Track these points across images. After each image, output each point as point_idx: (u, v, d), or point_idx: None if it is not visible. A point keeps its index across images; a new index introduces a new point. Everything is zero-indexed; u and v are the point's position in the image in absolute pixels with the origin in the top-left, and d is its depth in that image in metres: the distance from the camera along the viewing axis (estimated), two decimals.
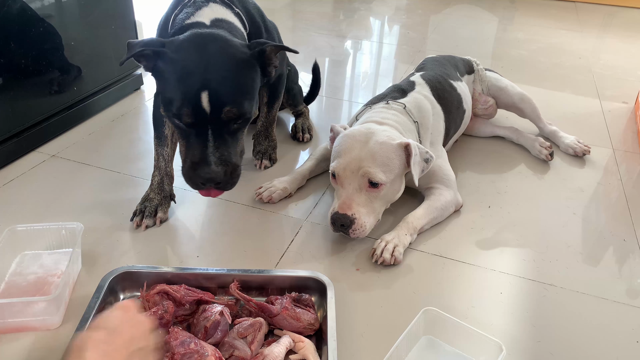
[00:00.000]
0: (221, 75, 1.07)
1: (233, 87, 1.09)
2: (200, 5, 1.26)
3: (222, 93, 1.07)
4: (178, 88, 1.07)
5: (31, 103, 1.70)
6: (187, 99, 1.05)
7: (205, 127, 1.09)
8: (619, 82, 2.56)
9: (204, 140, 1.09)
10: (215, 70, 1.07)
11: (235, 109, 1.08)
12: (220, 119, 1.08)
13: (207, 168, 1.09)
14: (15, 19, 1.56)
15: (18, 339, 1.06)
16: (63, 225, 1.26)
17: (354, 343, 1.08)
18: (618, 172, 1.77)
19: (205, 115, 1.07)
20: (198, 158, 1.10)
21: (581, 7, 3.97)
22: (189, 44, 1.11)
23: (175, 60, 1.08)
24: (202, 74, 1.06)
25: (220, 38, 1.13)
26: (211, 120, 1.08)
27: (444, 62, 1.84)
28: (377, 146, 1.30)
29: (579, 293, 1.25)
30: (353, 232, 1.28)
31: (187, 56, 1.08)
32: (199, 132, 1.09)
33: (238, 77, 1.11)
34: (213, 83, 1.06)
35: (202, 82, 1.05)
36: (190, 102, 1.05)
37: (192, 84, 1.05)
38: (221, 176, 1.10)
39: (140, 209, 1.40)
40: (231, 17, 1.28)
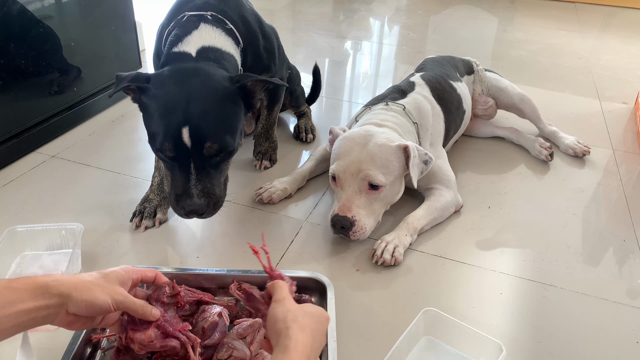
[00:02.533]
0: (202, 111, 1.09)
1: (214, 123, 1.11)
2: (190, 28, 1.26)
3: (203, 128, 1.09)
4: (160, 123, 1.09)
5: (31, 104, 1.70)
6: (169, 134, 1.08)
7: (187, 161, 1.11)
8: (619, 83, 2.56)
9: (186, 173, 1.12)
10: (196, 105, 1.09)
11: (216, 144, 1.10)
12: (202, 153, 1.10)
13: (190, 200, 1.12)
14: (15, 19, 1.56)
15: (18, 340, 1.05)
16: (63, 225, 1.26)
17: (354, 343, 1.08)
18: (618, 173, 1.77)
19: (187, 150, 1.09)
20: (181, 190, 1.13)
21: (581, 7, 3.97)
22: (171, 79, 1.13)
23: (158, 96, 1.11)
24: (183, 110, 1.08)
25: (202, 72, 1.15)
26: (193, 155, 1.10)
27: (444, 63, 1.84)
28: (377, 148, 1.30)
29: (579, 293, 1.25)
30: (353, 235, 1.28)
31: (169, 92, 1.11)
32: (181, 165, 1.12)
33: (219, 112, 1.12)
34: (194, 119, 1.08)
35: (183, 117, 1.08)
36: (171, 137, 1.08)
37: (174, 119, 1.08)
38: (204, 208, 1.13)
39: (140, 210, 1.40)
40: (221, 39, 1.27)
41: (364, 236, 1.30)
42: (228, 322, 1.04)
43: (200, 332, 1.00)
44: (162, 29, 1.36)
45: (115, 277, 0.85)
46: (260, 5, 3.52)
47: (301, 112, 1.96)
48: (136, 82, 1.13)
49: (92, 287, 0.80)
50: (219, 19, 1.30)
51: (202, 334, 1.00)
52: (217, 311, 1.03)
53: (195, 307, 1.07)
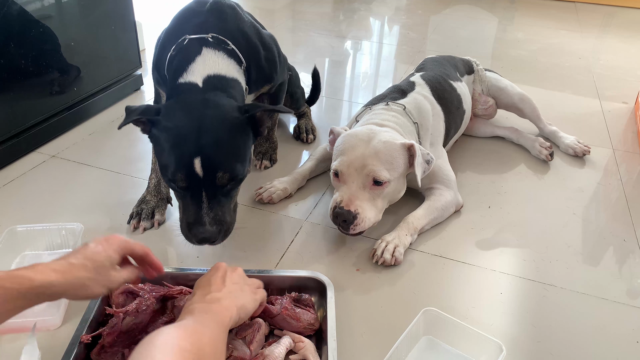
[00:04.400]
0: (213, 141, 1.11)
1: (225, 153, 1.13)
2: (193, 54, 1.26)
3: (215, 159, 1.10)
4: (172, 155, 1.11)
5: (31, 103, 1.70)
6: (181, 164, 1.10)
7: (199, 190, 1.12)
8: (619, 82, 2.56)
9: (198, 202, 1.13)
10: (207, 136, 1.11)
11: (228, 173, 1.12)
12: (214, 183, 1.12)
13: (202, 228, 1.13)
14: (15, 19, 1.56)
15: (18, 340, 1.06)
16: (63, 225, 1.27)
17: (354, 343, 1.08)
18: (618, 173, 1.77)
19: (199, 180, 1.11)
20: (193, 219, 1.14)
21: (581, 7, 3.97)
22: (181, 111, 1.14)
23: (169, 128, 1.12)
24: (195, 141, 1.10)
25: (212, 104, 1.16)
26: (205, 184, 1.12)
27: (444, 63, 1.84)
28: (381, 145, 1.30)
29: (579, 293, 1.25)
30: (354, 228, 1.28)
31: (180, 123, 1.12)
32: (193, 194, 1.13)
33: (230, 142, 1.14)
34: (205, 149, 1.09)
35: (195, 148, 1.09)
36: (184, 167, 1.10)
37: (185, 150, 1.10)
38: (215, 235, 1.15)
39: (137, 212, 1.40)
40: (224, 64, 1.27)
41: (363, 228, 1.29)
42: None
43: None
44: (163, 47, 1.34)
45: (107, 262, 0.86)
46: (260, 5, 3.53)
47: (301, 113, 1.96)
48: (146, 114, 1.14)
49: (87, 283, 0.80)
50: (220, 40, 1.29)
51: None
52: None
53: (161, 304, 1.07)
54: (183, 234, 1.18)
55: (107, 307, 1.04)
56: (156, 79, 1.44)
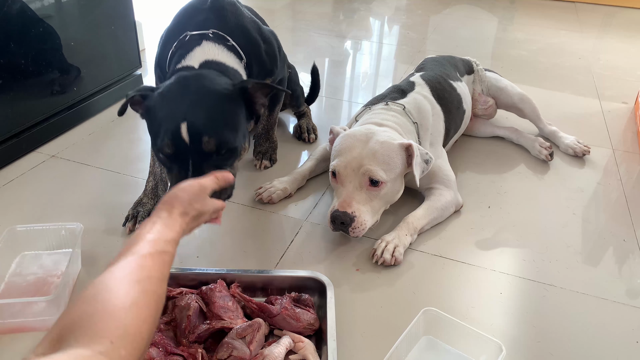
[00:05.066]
0: (200, 108, 1.10)
1: (212, 118, 1.11)
2: (193, 46, 1.27)
3: (201, 124, 1.09)
4: (161, 123, 1.10)
5: (31, 103, 1.70)
6: (168, 130, 1.08)
7: (186, 159, 1.10)
8: (619, 82, 2.55)
9: (185, 170, 1.11)
10: (195, 104, 1.10)
11: (214, 139, 1.09)
12: (201, 150, 1.09)
13: None
14: (15, 19, 1.56)
15: (18, 340, 1.06)
16: (63, 225, 1.27)
17: (354, 343, 1.08)
18: (618, 173, 1.77)
19: (186, 146, 1.08)
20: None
21: (581, 7, 3.97)
22: (173, 85, 1.15)
23: (159, 100, 1.13)
24: (182, 109, 1.09)
25: (204, 76, 1.17)
26: (192, 152, 1.09)
27: (444, 63, 1.84)
28: (378, 145, 1.30)
29: (579, 293, 1.25)
30: (353, 231, 1.28)
31: (170, 94, 1.13)
32: (181, 164, 1.11)
33: (218, 109, 1.13)
34: (192, 115, 1.08)
35: (182, 115, 1.08)
36: (170, 133, 1.08)
37: (172, 117, 1.09)
38: None
39: (133, 214, 1.39)
40: (224, 55, 1.28)
41: (362, 232, 1.29)
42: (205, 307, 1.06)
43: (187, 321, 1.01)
44: (165, 45, 1.36)
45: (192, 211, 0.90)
46: (260, 5, 3.53)
47: (301, 112, 1.96)
48: (141, 91, 1.15)
49: None
50: (220, 36, 1.30)
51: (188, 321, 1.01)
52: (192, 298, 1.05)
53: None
54: None
55: None
56: (158, 75, 1.44)
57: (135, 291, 0.65)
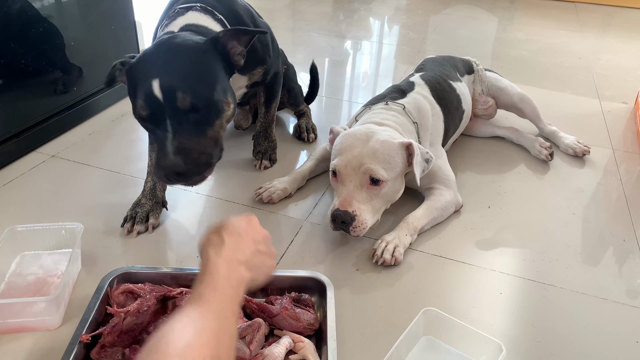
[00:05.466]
0: (172, 65, 1.08)
1: (184, 74, 1.08)
2: (178, 14, 1.28)
3: (173, 80, 1.05)
4: (136, 86, 1.09)
5: (31, 103, 1.70)
6: (142, 92, 1.06)
7: (163, 119, 1.06)
8: (619, 82, 2.56)
9: (164, 132, 1.06)
10: (167, 62, 1.08)
11: (189, 94, 1.05)
12: (177, 108, 1.05)
13: (166, 159, 1.04)
14: (15, 19, 1.56)
15: (18, 339, 1.06)
16: (63, 225, 1.26)
17: (354, 343, 1.08)
18: (618, 173, 1.77)
19: (160, 105, 1.05)
20: (159, 152, 1.07)
21: (581, 7, 3.97)
22: (148, 49, 1.15)
23: (135, 64, 1.13)
24: (155, 68, 1.07)
25: (177, 37, 1.16)
26: (168, 111, 1.05)
27: (444, 63, 1.84)
28: (379, 144, 1.30)
29: (579, 293, 1.25)
30: (353, 230, 1.28)
31: (144, 58, 1.12)
32: (159, 126, 1.07)
33: (190, 64, 1.09)
34: (163, 72, 1.06)
35: (154, 74, 1.06)
36: (143, 93, 1.06)
37: (145, 77, 1.07)
38: (182, 166, 1.04)
39: (131, 215, 1.39)
40: (209, 22, 1.28)
41: (363, 232, 1.29)
42: None
43: None
44: (156, 29, 1.38)
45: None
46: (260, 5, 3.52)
47: (301, 112, 1.96)
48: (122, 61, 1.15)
49: None
50: (207, 10, 1.31)
51: None
52: None
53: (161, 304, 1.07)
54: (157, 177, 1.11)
55: (107, 306, 1.04)
56: None
57: None
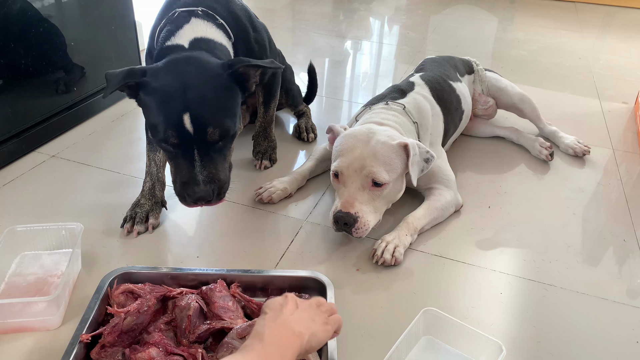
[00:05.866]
0: (200, 97, 1.11)
1: (213, 108, 1.13)
2: (182, 23, 1.28)
3: (204, 114, 1.11)
4: (161, 113, 1.11)
5: (31, 103, 1.70)
6: (171, 121, 1.10)
7: (191, 148, 1.13)
8: (619, 82, 2.56)
9: (191, 160, 1.13)
10: (193, 93, 1.11)
11: (218, 129, 1.12)
12: (205, 139, 1.12)
13: (197, 187, 1.13)
14: (15, 19, 1.56)
15: (18, 340, 1.06)
16: (63, 225, 1.26)
17: (354, 343, 1.08)
18: (618, 173, 1.77)
19: (190, 137, 1.11)
20: (187, 178, 1.14)
21: (581, 7, 3.97)
22: (167, 70, 1.15)
23: (156, 88, 1.13)
24: (182, 98, 1.10)
25: (195, 61, 1.17)
26: (196, 141, 1.12)
27: (443, 63, 1.84)
28: (379, 145, 1.30)
29: (579, 293, 1.25)
30: (356, 231, 1.28)
31: (166, 82, 1.12)
32: (185, 153, 1.13)
33: (216, 98, 1.14)
34: (193, 105, 1.10)
35: (183, 105, 1.10)
36: (174, 124, 1.10)
37: (174, 107, 1.10)
38: (210, 194, 1.15)
39: (131, 215, 1.39)
40: (212, 32, 1.29)
41: (365, 233, 1.29)
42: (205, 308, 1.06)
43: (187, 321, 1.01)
44: (154, 28, 1.37)
45: None
46: (260, 5, 3.53)
47: (300, 112, 1.96)
48: (132, 77, 1.13)
49: None
50: (209, 14, 1.31)
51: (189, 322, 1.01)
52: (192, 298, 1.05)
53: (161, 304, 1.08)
54: (178, 196, 1.18)
55: (108, 306, 1.04)
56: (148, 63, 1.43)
57: None
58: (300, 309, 0.90)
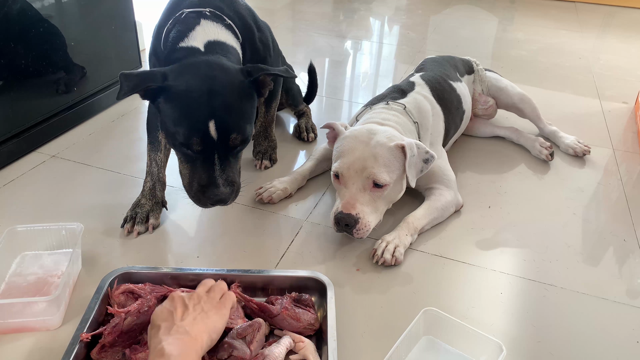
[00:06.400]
0: (225, 104, 1.14)
1: (236, 115, 1.16)
2: (192, 24, 1.28)
3: (229, 121, 1.13)
4: (185, 119, 1.12)
5: (31, 103, 1.70)
6: (196, 128, 1.12)
7: (212, 153, 1.15)
8: (619, 82, 2.56)
9: (211, 164, 1.16)
10: (218, 99, 1.13)
11: (240, 135, 1.15)
12: (227, 145, 1.15)
13: (217, 190, 1.16)
14: (15, 19, 1.56)
15: (18, 340, 1.06)
16: (63, 225, 1.26)
17: (354, 343, 1.08)
18: (618, 172, 1.77)
19: (213, 142, 1.13)
20: (206, 181, 1.16)
21: (581, 7, 3.97)
22: (188, 74, 1.15)
23: (179, 93, 1.13)
24: (208, 104, 1.12)
25: (217, 66, 1.18)
26: (218, 147, 1.15)
27: (444, 63, 1.84)
28: (379, 147, 1.30)
29: (579, 293, 1.25)
30: (357, 232, 1.28)
31: (190, 87, 1.13)
32: (206, 157, 1.16)
33: (239, 104, 1.17)
34: (219, 112, 1.12)
35: (209, 112, 1.12)
36: (199, 131, 1.12)
37: (200, 114, 1.12)
38: (228, 196, 1.18)
39: (131, 215, 1.39)
40: (224, 34, 1.30)
41: (366, 234, 1.30)
42: None
43: None
44: (160, 28, 1.36)
45: None
46: (260, 5, 3.53)
47: (300, 112, 1.96)
48: (153, 81, 1.13)
49: None
50: (217, 15, 1.32)
51: None
52: None
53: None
54: (193, 199, 1.20)
55: (108, 306, 1.04)
56: (153, 63, 1.43)
57: None
58: (191, 307, 0.91)
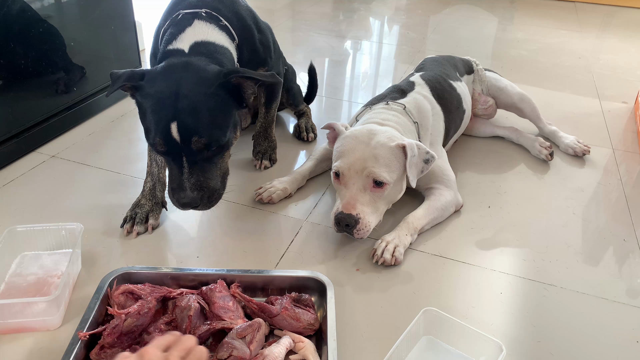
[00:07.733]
0: (189, 106, 1.13)
1: (200, 118, 1.14)
2: (184, 26, 1.28)
3: (190, 124, 1.12)
4: (152, 119, 1.14)
5: (31, 103, 1.70)
6: (159, 129, 1.13)
7: (180, 155, 1.15)
8: (619, 82, 2.56)
9: (179, 167, 1.16)
10: (183, 101, 1.13)
11: (204, 138, 1.13)
12: (191, 148, 1.14)
13: (183, 193, 1.16)
14: (15, 19, 1.56)
15: (18, 340, 1.06)
16: (63, 225, 1.26)
17: (354, 343, 1.08)
18: (618, 172, 1.77)
19: (178, 145, 1.13)
20: (176, 184, 1.17)
21: (581, 7, 3.97)
22: (162, 76, 1.17)
23: (150, 93, 1.15)
24: (172, 106, 1.12)
25: (191, 68, 1.18)
26: (184, 149, 1.14)
27: (444, 63, 1.84)
28: (380, 147, 1.30)
29: (579, 293, 1.25)
30: (357, 233, 1.28)
31: (159, 88, 1.14)
32: (175, 159, 1.16)
33: (206, 107, 1.15)
34: (181, 115, 1.12)
35: (171, 113, 1.12)
36: (161, 132, 1.12)
37: (163, 115, 1.12)
38: (197, 201, 1.17)
39: (131, 216, 1.39)
40: (214, 34, 1.30)
41: (367, 234, 1.29)
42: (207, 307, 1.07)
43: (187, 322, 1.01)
44: (158, 29, 1.38)
45: None
46: (260, 5, 3.53)
47: (300, 112, 1.96)
48: (131, 80, 1.16)
49: None
50: (213, 16, 1.32)
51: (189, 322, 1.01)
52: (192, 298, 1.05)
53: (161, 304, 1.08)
54: (170, 199, 1.21)
55: (108, 307, 1.04)
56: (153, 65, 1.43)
57: None
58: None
